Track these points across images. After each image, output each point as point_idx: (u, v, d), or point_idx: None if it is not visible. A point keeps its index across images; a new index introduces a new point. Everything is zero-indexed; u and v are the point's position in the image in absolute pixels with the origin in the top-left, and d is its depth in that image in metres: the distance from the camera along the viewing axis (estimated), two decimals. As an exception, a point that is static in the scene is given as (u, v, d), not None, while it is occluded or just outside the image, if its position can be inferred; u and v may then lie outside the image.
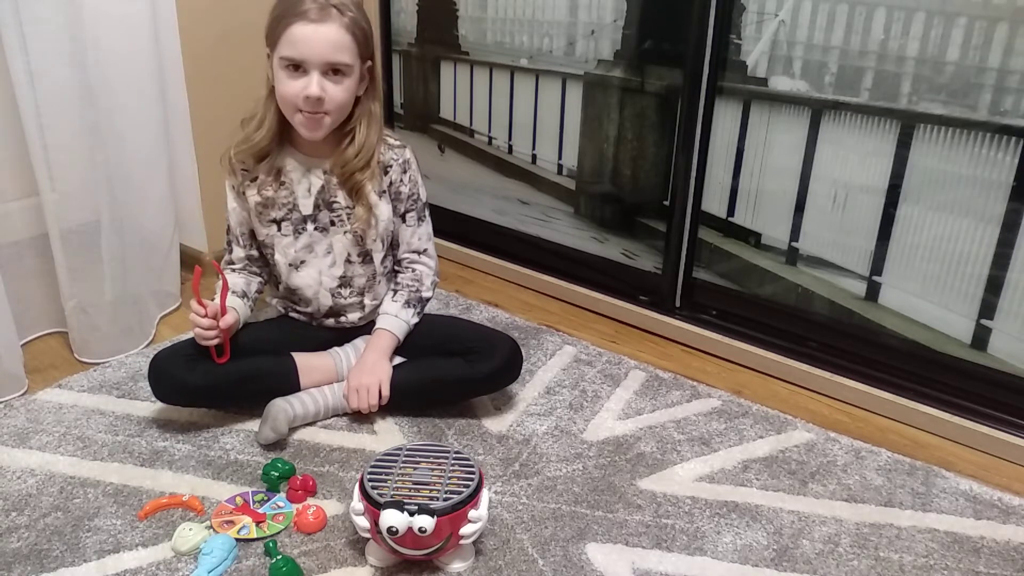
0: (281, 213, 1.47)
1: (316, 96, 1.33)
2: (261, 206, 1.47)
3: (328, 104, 1.36)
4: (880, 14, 1.45)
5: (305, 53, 1.33)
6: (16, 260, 1.64)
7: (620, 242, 1.95)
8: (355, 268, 1.51)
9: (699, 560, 1.19)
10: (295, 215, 1.47)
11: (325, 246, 1.49)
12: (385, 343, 1.49)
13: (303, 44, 1.32)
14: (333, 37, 1.33)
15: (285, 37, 1.33)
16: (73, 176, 1.59)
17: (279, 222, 1.48)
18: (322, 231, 1.48)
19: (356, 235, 1.48)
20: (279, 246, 1.49)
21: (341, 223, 1.48)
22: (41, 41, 1.49)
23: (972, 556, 1.21)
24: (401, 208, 1.52)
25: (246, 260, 1.54)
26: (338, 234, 1.48)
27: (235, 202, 1.50)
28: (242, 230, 1.52)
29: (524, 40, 1.98)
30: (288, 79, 1.35)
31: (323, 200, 1.47)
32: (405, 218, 1.53)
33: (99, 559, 1.15)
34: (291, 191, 1.46)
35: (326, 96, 1.34)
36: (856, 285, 1.62)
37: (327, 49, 1.33)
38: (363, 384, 1.44)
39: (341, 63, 1.35)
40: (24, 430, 1.43)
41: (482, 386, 1.50)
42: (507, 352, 1.48)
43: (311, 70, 1.33)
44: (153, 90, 1.73)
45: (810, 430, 1.50)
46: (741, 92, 1.66)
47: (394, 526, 1.06)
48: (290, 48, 1.33)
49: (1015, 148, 1.37)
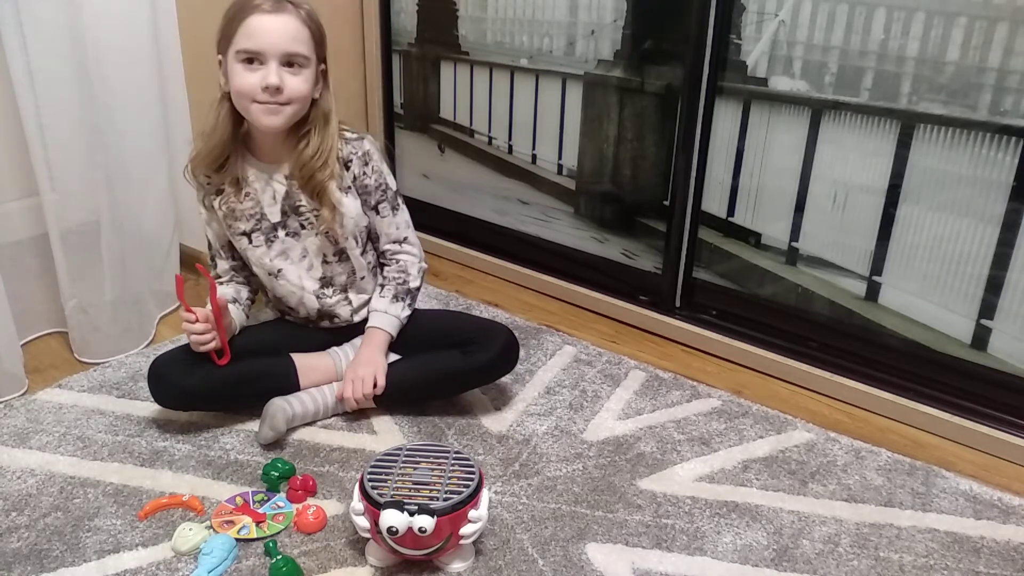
0: (250, 224, 1.47)
1: (275, 85, 1.32)
2: (229, 218, 1.47)
3: (288, 93, 1.34)
4: (880, 14, 1.45)
5: (263, 43, 1.32)
6: (16, 260, 1.64)
7: (620, 242, 1.95)
8: (333, 267, 1.51)
9: (699, 560, 1.19)
10: (264, 224, 1.47)
11: (299, 250, 1.49)
12: (379, 340, 1.49)
13: (260, 35, 1.32)
14: (290, 27, 1.33)
15: (242, 30, 1.33)
16: (73, 176, 1.59)
17: (248, 234, 1.47)
18: (294, 236, 1.48)
19: (327, 235, 1.48)
20: (253, 258, 1.49)
21: (311, 225, 1.47)
22: (41, 41, 1.49)
23: (972, 556, 1.21)
24: (372, 200, 1.50)
25: (231, 272, 1.54)
26: (310, 236, 1.48)
27: (206, 215, 1.50)
28: (221, 243, 1.52)
29: (524, 40, 1.98)
30: (245, 72, 1.34)
31: (289, 206, 1.46)
32: (379, 209, 1.52)
33: (99, 559, 1.15)
34: (256, 200, 1.46)
35: (285, 86, 1.34)
36: (856, 285, 1.62)
37: (284, 39, 1.33)
38: (358, 375, 1.44)
39: (299, 54, 1.35)
40: (24, 430, 1.43)
41: (480, 376, 1.50)
42: (503, 341, 1.47)
43: (268, 60, 1.33)
44: (153, 90, 1.73)
45: (810, 430, 1.50)
46: (741, 92, 1.66)
47: (394, 526, 1.06)
48: (247, 40, 1.33)
49: (1015, 148, 1.37)
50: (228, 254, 1.53)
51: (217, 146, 1.41)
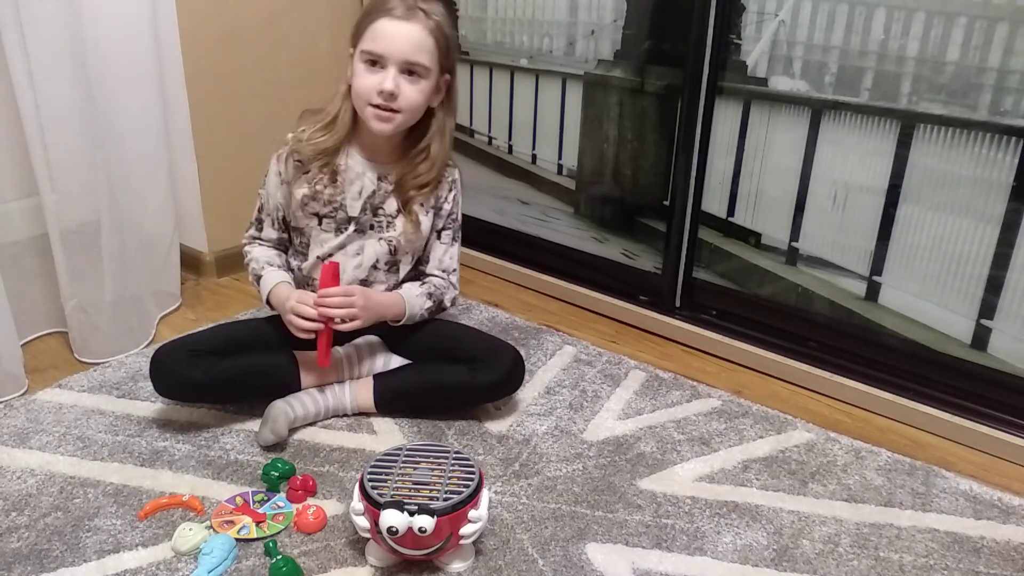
0: (327, 210, 1.47)
1: (390, 90, 1.35)
2: (308, 198, 1.47)
3: (401, 101, 1.36)
4: (880, 14, 1.46)
5: (385, 48, 1.35)
6: (16, 260, 1.64)
7: (620, 242, 1.95)
8: (379, 275, 1.51)
9: (699, 560, 1.19)
10: (340, 214, 1.47)
11: (356, 247, 1.49)
12: (394, 302, 1.47)
13: (384, 39, 1.35)
14: (415, 36, 1.35)
15: (369, 32, 1.36)
16: (73, 176, 1.59)
17: (321, 216, 1.48)
18: (360, 233, 1.48)
19: (391, 244, 1.48)
20: (316, 239, 1.49)
21: (380, 229, 1.48)
22: (41, 42, 1.49)
23: (972, 556, 1.21)
24: (439, 224, 1.53)
25: (276, 242, 1.55)
26: (372, 239, 1.48)
27: (276, 188, 1.50)
28: (279, 214, 1.52)
29: (524, 40, 1.98)
30: (366, 73, 1.37)
31: (371, 204, 1.47)
32: (440, 235, 1.54)
33: (99, 559, 1.15)
34: (342, 190, 1.46)
35: (400, 93, 1.36)
36: (856, 285, 1.62)
37: (407, 47, 1.35)
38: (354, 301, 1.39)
39: (419, 64, 1.36)
40: (24, 430, 1.43)
41: (484, 395, 1.50)
42: (509, 363, 1.47)
43: (389, 66, 1.35)
44: (153, 90, 1.73)
45: (810, 430, 1.50)
46: (741, 92, 1.66)
47: (394, 526, 1.06)
48: (372, 42, 1.35)
49: (1015, 148, 1.37)
50: (280, 225, 1.53)
51: (331, 139, 1.43)
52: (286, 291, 1.45)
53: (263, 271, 1.50)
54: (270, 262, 1.52)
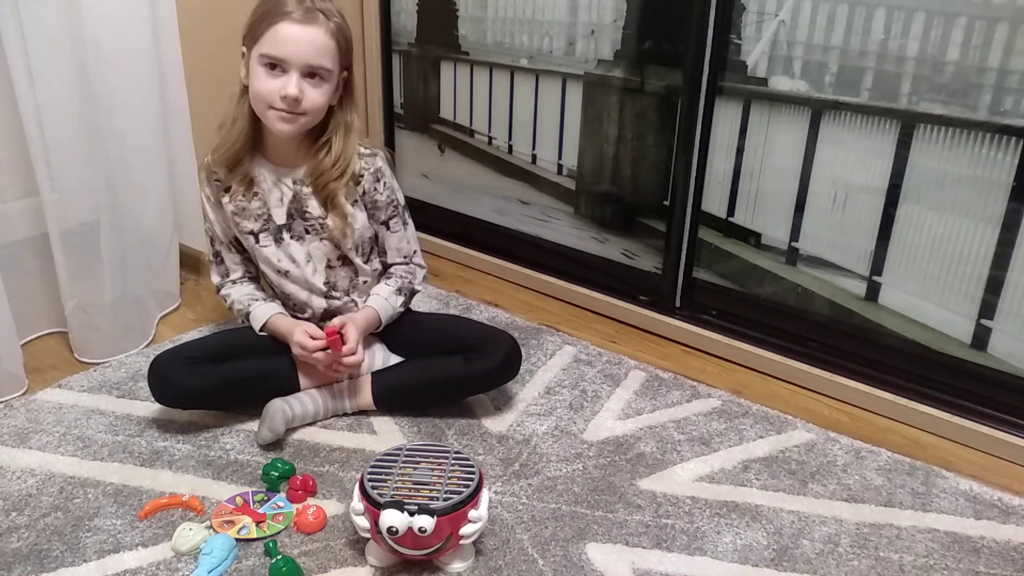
0: (257, 224, 1.47)
1: (294, 96, 1.33)
2: (236, 216, 1.47)
3: (306, 104, 1.35)
4: (880, 14, 1.45)
5: (288, 53, 1.33)
6: (16, 260, 1.64)
7: (620, 242, 1.95)
8: (337, 272, 1.52)
9: (699, 560, 1.19)
10: (271, 225, 1.47)
11: (304, 254, 1.49)
12: (370, 317, 1.49)
13: (287, 44, 1.32)
14: (318, 40, 1.34)
15: (269, 35, 1.33)
16: (73, 176, 1.59)
17: (256, 234, 1.48)
18: (298, 239, 1.48)
19: (333, 242, 1.48)
20: (261, 256, 1.50)
21: (315, 231, 1.48)
22: (41, 42, 1.49)
23: (972, 556, 1.21)
24: (382, 216, 1.52)
25: (243, 268, 1.54)
26: (314, 241, 1.48)
27: (213, 213, 1.50)
28: (228, 238, 1.53)
29: (524, 40, 1.98)
30: (266, 77, 1.34)
31: (295, 210, 1.47)
32: (389, 225, 1.53)
33: (99, 559, 1.15)
34: (263, 201, 1.46)
35: (303, 97, 1.34)
36: (856, 285, 1.62)
37: (310, 51, 1.33)
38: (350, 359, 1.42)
39: (322, 67, 1.35)
40: (24, 430, 1.43)
41: (481, 383, 1.50)
42: (506, 349, 1.48)
43: (291, 70, 1.33)
44: (153, 90, 1.73)
45: (810, 430, 1.50)
46: (741, 92, 1.66)
47: (394, 526, 1.06)
48: (273, 46, 1.33)
49: (1015, 148, 1.37)
50: (236, 247, 1.54)
51: (238, 139, 1.42)
52: (285, 324, 1.46)
53: (250, 308, 1.50)
54: (253, 297, 1.51)
